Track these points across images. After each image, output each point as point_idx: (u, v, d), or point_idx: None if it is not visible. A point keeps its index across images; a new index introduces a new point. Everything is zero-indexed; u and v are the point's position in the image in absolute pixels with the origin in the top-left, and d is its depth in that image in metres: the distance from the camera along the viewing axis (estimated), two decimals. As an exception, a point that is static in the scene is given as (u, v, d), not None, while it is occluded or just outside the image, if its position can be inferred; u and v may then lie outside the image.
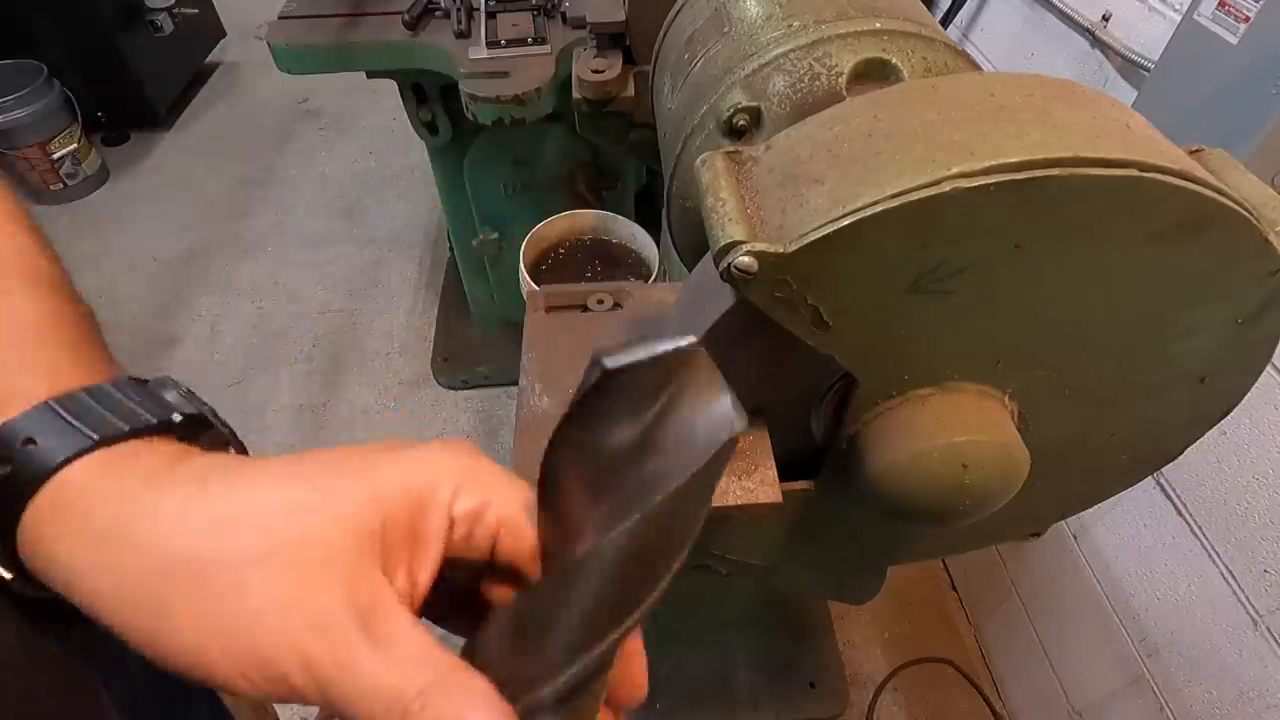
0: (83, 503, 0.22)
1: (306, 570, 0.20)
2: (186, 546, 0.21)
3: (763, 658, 1.01)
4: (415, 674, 0.20)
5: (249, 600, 0.20)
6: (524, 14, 1.38)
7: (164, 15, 2.58)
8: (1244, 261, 0.38)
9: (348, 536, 0.21)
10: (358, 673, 0.20)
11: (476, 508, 0.23)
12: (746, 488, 0.47)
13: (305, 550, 0.21)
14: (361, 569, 0.21)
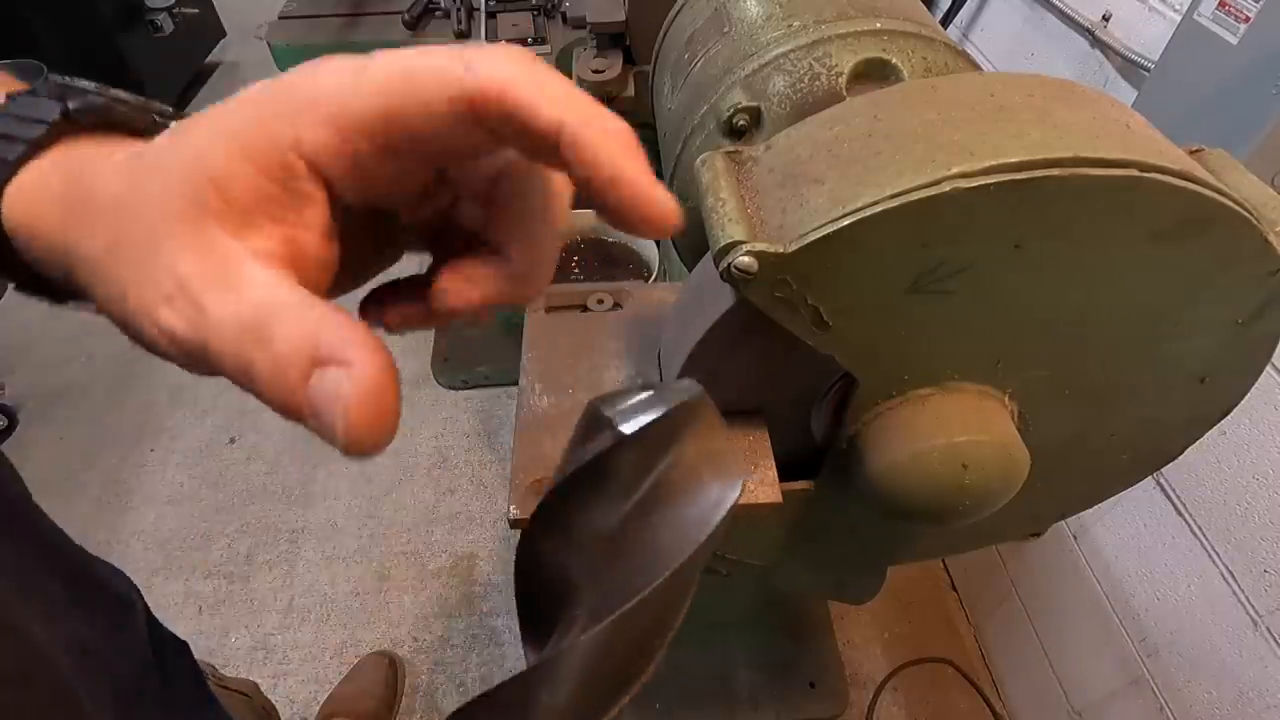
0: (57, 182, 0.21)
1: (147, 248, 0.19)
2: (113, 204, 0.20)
3: (763, 658, 1.01)
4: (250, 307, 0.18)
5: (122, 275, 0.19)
6: (524, 14, 1.38)
7: (164, 15, 2.58)
8: (1244, 261, 0.38)
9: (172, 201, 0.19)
10: (205, 323, 0.18)
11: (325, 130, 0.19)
12: (746, 488, 0.47)
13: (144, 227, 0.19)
14: (200, 231, 0.18)
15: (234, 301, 0.18)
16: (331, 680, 1.36)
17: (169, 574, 1.54)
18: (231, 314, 0.18)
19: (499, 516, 1.61)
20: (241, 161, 0.18)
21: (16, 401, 1.83)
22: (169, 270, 0.18)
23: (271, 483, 1.69)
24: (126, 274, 0.19)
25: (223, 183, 0.18)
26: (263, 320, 0.18)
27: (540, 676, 0.19)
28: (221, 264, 0.18)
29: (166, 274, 0.18)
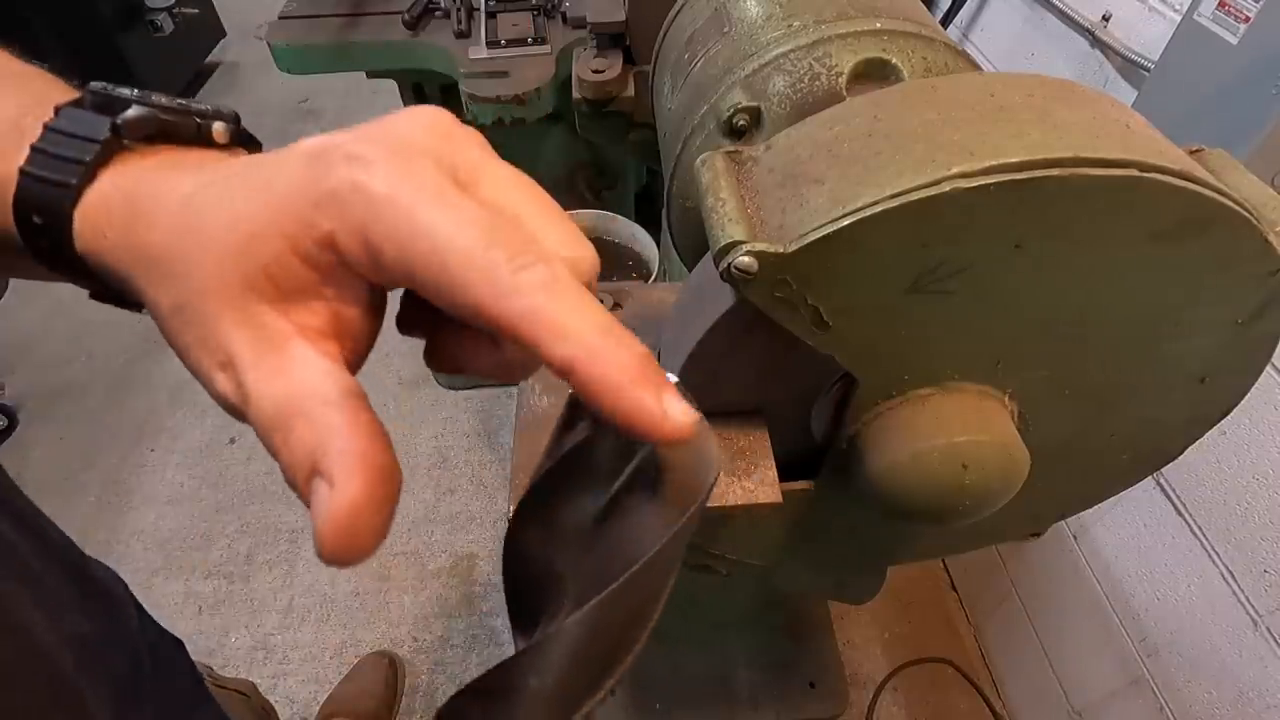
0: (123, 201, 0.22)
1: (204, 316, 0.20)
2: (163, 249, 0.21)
3: (763, 658, 1.01)
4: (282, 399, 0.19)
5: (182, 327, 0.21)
6: (524, 14, 1.38)
7: (164, 15, 2.58)
8: (1244, 261, 0.38)
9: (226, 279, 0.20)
10: (246, 398, 0.20)
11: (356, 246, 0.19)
12: (746, 488, 0.47)
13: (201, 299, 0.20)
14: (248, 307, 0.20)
15: (273, 383, 0.19)
16: (331, 680, 1.36)
17: (169, 574, 1.54)
18: (268, 396, 0.19)
19: (499, 516, 1.61)
20: (286, 248, 0.19)
21: (16, 401, 1.83)
22: (222, 343, 0.20)
23: (271, 483, 1.69)
24: (189, 335, 0.21)
25: (272, 270, 0.20)
26: (290, 414, 0.19)
27: (526, 663, 0.20)
28: (269, 343, 0.20)
29: (220, 345, 0.20)
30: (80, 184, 0.22)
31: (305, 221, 0.19)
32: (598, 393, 0.19)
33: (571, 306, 0.19)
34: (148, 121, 0.23)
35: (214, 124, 0.24)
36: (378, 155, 0.19)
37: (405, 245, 0.18)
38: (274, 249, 0.19)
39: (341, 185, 0.19)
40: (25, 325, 2.04)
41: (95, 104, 0.23)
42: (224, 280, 0.20)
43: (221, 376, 0.20)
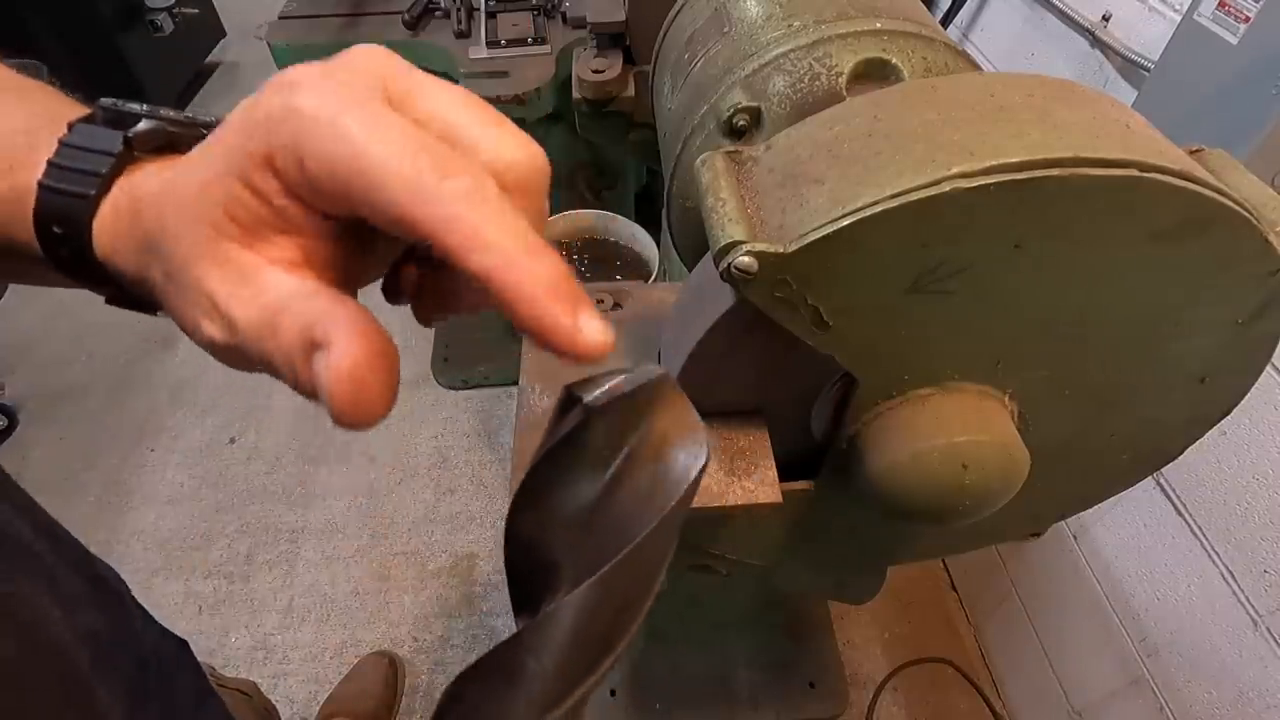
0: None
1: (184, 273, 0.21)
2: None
3: (763, 658, 1.01)
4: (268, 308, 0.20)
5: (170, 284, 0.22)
6: (524, 14, 1.38)
7: (164, 15, 2.58)
8: (1244, 261, 0.38)
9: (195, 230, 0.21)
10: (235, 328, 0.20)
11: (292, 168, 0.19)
12: (746, 488, 0.47)
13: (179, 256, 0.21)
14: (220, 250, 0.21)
15: (252, 303, 0.20)
16: (331, 680, 1.36)
17: (169, 574, 1.54)
18: (253, 315, 0.20)
19: (499, 516, 1.61)
20: (237, 185, 0.20)
21: (16, 401, 1.83)
22: (200, 288, 0.21)
23: (271, 483, 1.69)
24: (177, 298, 0.22)
25: (229, 208, 0.20)
26: (273, 314, 0.20)
27: (524, 642, 0.20)
28: (240, 274, 0.20)
29: (200, 292, 0.21)
30: (97, 195, 0.23)
31: (245, 150, 0.20)
32: (513, 302, 0.19)
33: (491, 216, 0.19)
34: (157, 134, 0.24)
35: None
36: (308, 78, 0.20)
37: (335, 160, 0.19)
38: (226, 186, 0.20)
39: (273, 108, 0.19)
40: (25, 325, 2.04)
41: (107, 119, 0.24)
42: (196, 233, 0.21)
43: (206, 322, 0.21)
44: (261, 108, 0.20)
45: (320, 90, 0.19)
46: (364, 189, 0.18)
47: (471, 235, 0.18)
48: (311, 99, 0.19)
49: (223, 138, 0.21)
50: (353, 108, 0.19)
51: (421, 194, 0.18)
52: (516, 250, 0.19)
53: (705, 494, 0.47)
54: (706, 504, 0.46)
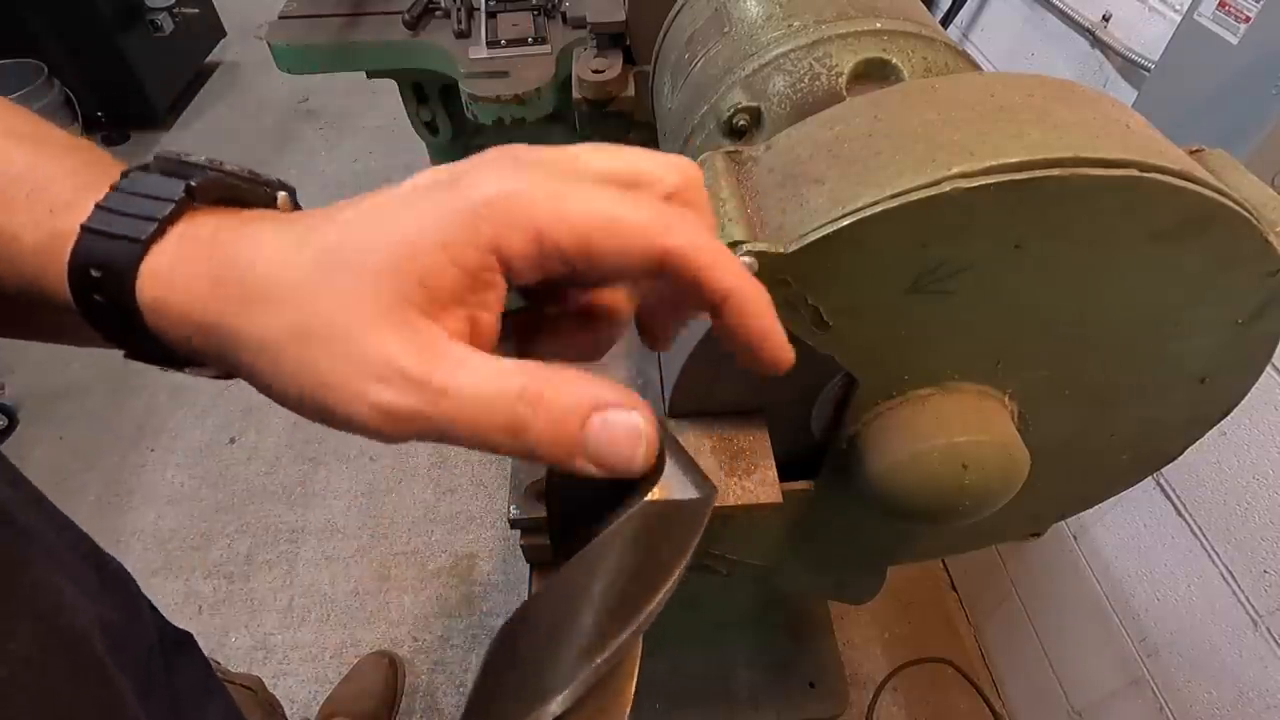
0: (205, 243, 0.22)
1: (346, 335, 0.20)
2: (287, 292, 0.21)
3: (763, 658, 1.01)
4: (507, 379, 0.20)
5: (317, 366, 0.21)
6: (524, 14, 1.38)
7: (164, 15, 2.58)
8: (1244, 262, 0.38)
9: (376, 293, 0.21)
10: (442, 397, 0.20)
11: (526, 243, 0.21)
12: (746, 488, 0.47)
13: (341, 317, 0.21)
14: (402, 318, 0.21)
15: (477, 375, 0.20)
16: (331, 680, 1.36)
17: (169, 574, 1.54)
18: (479, 385, 0.20)
19: (499, 516, 1.61)
20: (444, 257, 0.21)
21: (16, 401, 1.83)
22: (379, 353, 0.20)
23: (271, 483, 1.69)
24: (320, 359, 0.20)
25: (426, 279, 0.20)
26: (527, 386, 0.20)
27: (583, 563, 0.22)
28: (429, 347, 0.21)
29: (377, 357, 0.20)
30: (151, 239, 0.22)
31: (468, 232, 0.20)
32: (749, 316, 0.22)
33: (720, 245, 0.22)
34: (220, 185, 0.24)
35: (279, 194, 0.25)
36: (505, 163, 0.22)
37: (578, 225, 0.21)
38: (432, 259, 0.20)
39: (500, 196, 0.21)
40: (25, 325, 2.04)
41: (163, 169, 0.23)
42: (374, 295, 0.20)
43: (381, 388, 0.20)
44: (479, 192, 0.21)
45: (531, 175, 0.21)
46: (612, 240, 0.21)
47: (713, 259, 0.22)
48: (531, 183, 0.21)
49: (427, 213, 0.21)
50: (567, 181, 0.21)
51: (668, 231, 0.21)
52: (747, 273, 0.22)
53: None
54: None
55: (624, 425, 0.21)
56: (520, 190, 0.21)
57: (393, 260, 0.20)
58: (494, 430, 0.20)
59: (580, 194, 0.21)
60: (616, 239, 0.21)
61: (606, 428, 0.21)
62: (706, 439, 0.49)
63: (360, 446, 1.72)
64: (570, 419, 0.21)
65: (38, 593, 0.34)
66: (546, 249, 0.21)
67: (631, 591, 0.21)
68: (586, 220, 0.21)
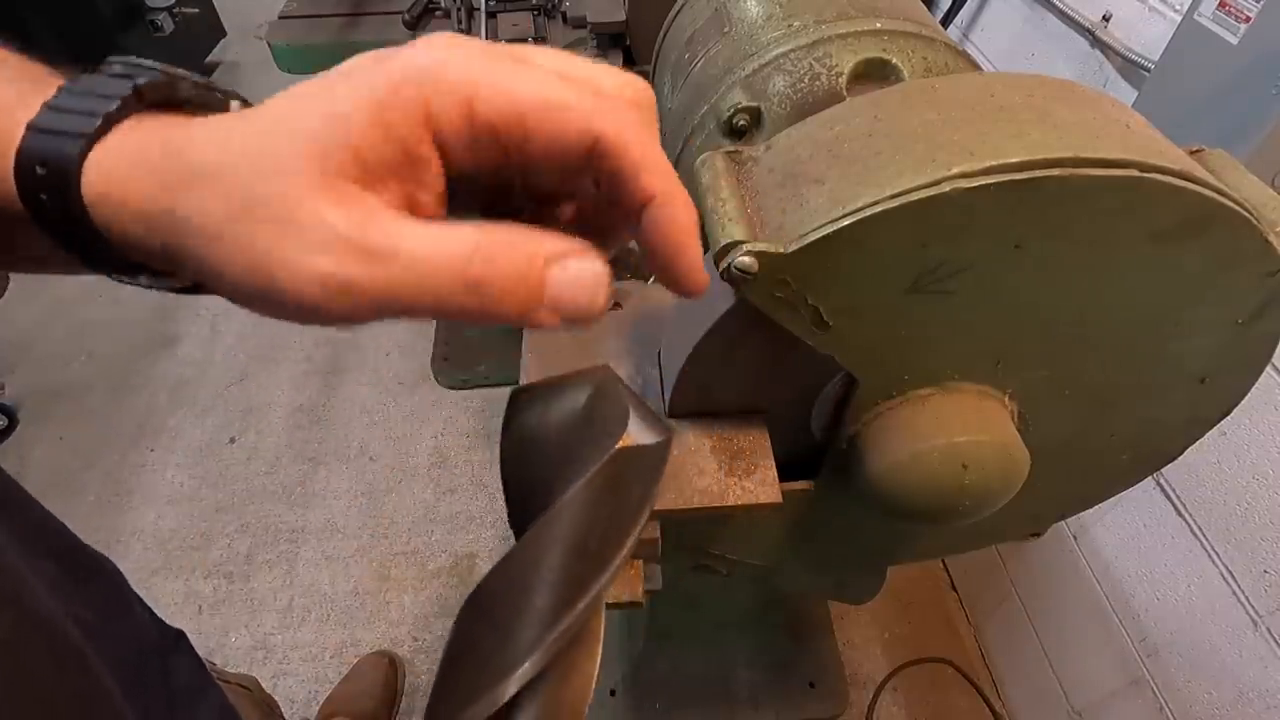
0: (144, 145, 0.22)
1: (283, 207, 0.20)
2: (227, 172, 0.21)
3: (763, 658, 1.01)
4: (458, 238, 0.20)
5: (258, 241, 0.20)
6: (524, 14, 1.38)
7: (164, 15, 2.58)
8: (1244, 262, 0.38)
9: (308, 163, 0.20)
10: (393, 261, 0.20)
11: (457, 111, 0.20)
12: (746, 488, 0.47)
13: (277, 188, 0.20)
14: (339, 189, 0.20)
15: (424, 238, 0.20)
16: (331, 680, 1.36)
17: (169, 574, 1.54)
18: (429, 248, 0.20)
19: (499, 516, 1.61)
20: (374, 128, 0.20)
21: (16, 401, 1.83)
22: (318, 223, 0.20)
23: (271, 483, 1.69)
24: (261, 234, 0.20)
25: (358, 149, 0.20)
26: (480, 242, 0.20)
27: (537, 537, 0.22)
28: (370, 214, 0.20)
29: (316, 227, 0.20)
30: (95, 135, 0.21)
31: (399, 98, 0.20)
32: (665, 231, 0.22)
33: (655, 147, 0.21)
34: (169, 86, 0.23)
35: (232, 101, 0.25)
36: (437, 40, 0.21)
37: (515, 97, 0.20)
38: (362, 130, 0.20)
39: (429, 62, 0.20)
40: (25, 325, 2.04)
41: (114, 71, 0.23)
42: (309, 167, 0.20)
43: (325, 259, 0.20)
44: (417, 62, 0.20)
45: (468, 49, 0.21)
46: (545, 117, 0.20)
47: (644, 156, 0.21)
48: (466, 54, 0.20)
49: (353, 83, 0.21)
50: (511, 60, 0.21)
51: (603, 116, 0.20)
52: (676, 183, 0.21)
53: (705, 494, 0.47)
54: (706, 504, 0.47)
55: (583, 271, 0.21)
56: (454, 60, 0.20)
57: (325, 132, 0.20)
58: (451, 291, 0.20)
59: (518, 72, 0.21)
60: (550, 118, 0.20)
61: (566, 273, 0.21)
62: (706, 439, 0.49)
63: (360, 446, 1.72)
64: (530, 271, 0.20)
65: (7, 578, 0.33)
66: (477, 121, 0.20)
67: (604, 540, 0.21)
68: (522, 96, 0.20)
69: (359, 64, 0.21)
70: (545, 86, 0.20)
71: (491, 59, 0.21)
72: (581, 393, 0.25)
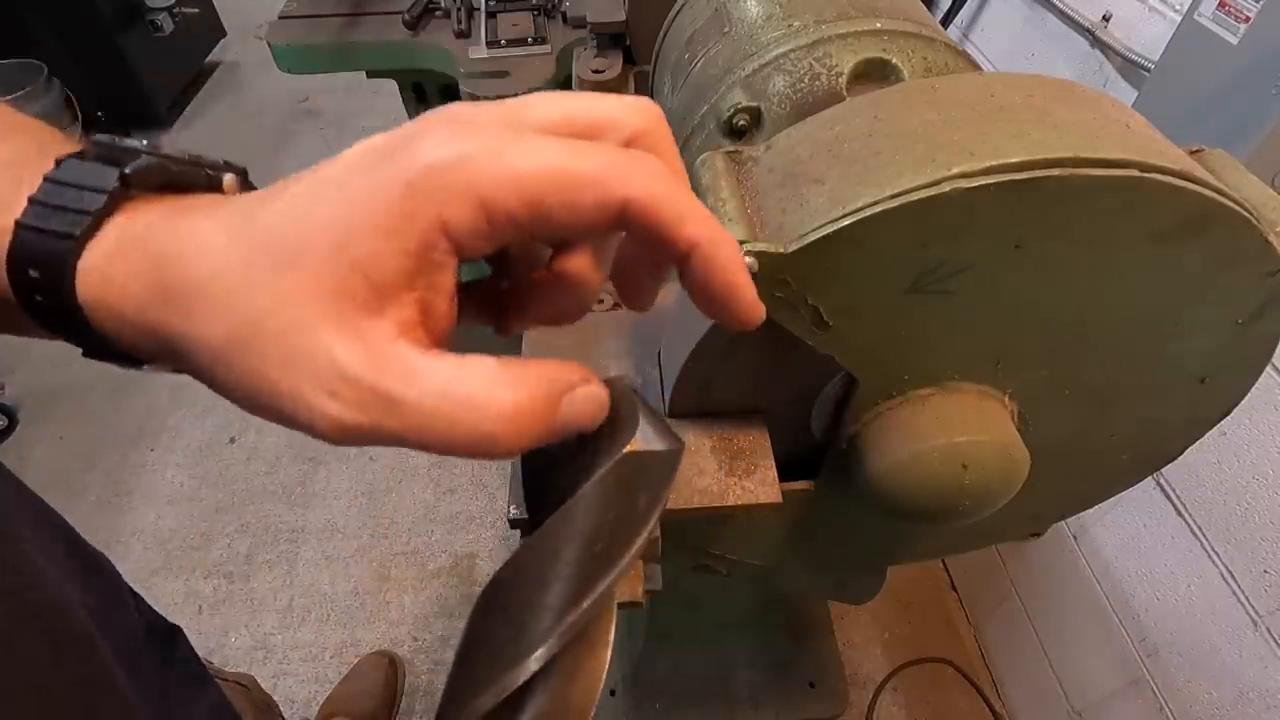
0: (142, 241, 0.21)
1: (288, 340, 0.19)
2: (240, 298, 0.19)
3: (763, 658, 1.01)
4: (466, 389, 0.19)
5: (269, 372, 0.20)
6: (524, 14, 1.38)
7: (164, 15, 2.58)
8: (1244, 262, 0.38)
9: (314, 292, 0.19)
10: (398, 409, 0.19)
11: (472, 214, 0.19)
12: (746, 488, 0.47)
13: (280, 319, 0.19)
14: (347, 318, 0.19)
15: (431, 385, 0.19)
16: (331, 680, 1.36)
17: (169, 574, 1.54)
18: (436, 400, 0.19)
19: (499, 516, 1.61)
20: (384, 242, 0.19)
21: (16, 401, 1.83)
22: (328, 362, 0.19)
23: (271, 483, 1.69)
24: (267, 364, 0.19)
25: (367, 268, 0.19)
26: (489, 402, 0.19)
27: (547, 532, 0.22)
28: (377, 352, 0.19)
29: (326, 367, 0.19)
30: (84, 235, 0.20)
31: (409, 211, 0.19)
32: (717, 270, 0.21)
33: (686, 193, 0.20)
34: (157, 172, 0.22)
35: (225, 176, 0.24)
36: (440, 127, 0.19)
37: (527, 185, 0.19)
38: (370, 247, 0.19)
39: (439, 163, 0.19)
40: (25, 325, 2.04)
41: (100, 155, 0.22)
42: (314, 293, 0.19)
43: (333, 404, 0.19)
44: (412, 165, 0.19)
45: (473, 135, 0.19)
46: (565, 198, 0.19)
47: (678, 206, 0.20)
48: (470, 143, 0.19)
49: (357, 191, 0.19)
50: (509, 137, 0.19)
51: (624, 180, 0.19)
52: (714, 224, 0.21)
53: (705, 494, 0.47)
54: (706, 504, 0.47)
55: (589, 398, 0.21)
56: (458, 155, 0.19)
57: (329, 252, 0.19)
58: (460, 445, 0.19)
59: (523, 148, 0.19)
60: (568, 193, 0.19)
61: (573, 407, 0.21)
62: (706, 439, 0.49)
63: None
64: (538, 420, 0.20)
65: (6, 569, 0.33)
66: (495, 217, 0.19)
67: (611, 542, 0.21)
68: (533, 177, 0.19)
69: (358, 164, 0.20)
70: (559, 159, 0.19)
71: (500, 140, 0.19)
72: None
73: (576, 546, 0.21)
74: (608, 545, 0.21)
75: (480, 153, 0.19)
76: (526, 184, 0.19)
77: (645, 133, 0.22)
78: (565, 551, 0.21)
